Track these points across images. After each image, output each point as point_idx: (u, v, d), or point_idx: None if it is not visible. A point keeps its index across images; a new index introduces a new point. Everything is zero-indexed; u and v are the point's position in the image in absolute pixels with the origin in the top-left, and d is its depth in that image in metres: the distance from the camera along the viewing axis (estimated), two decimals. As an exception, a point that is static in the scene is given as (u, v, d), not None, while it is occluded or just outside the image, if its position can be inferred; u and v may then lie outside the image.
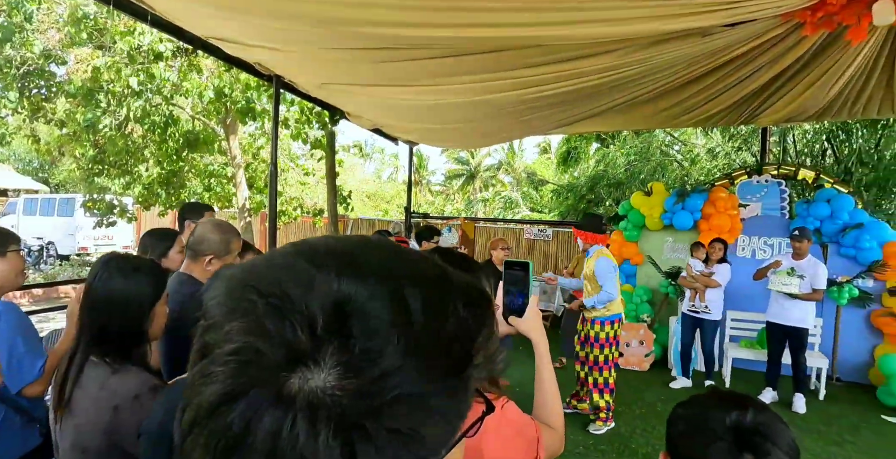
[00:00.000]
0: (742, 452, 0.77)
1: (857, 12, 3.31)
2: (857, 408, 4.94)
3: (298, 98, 6.50)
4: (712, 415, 0.81)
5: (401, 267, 0.38)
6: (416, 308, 0.34)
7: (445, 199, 28.72)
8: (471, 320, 0.37)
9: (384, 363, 0.32)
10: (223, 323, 0.34)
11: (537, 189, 21.28)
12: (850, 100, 5.22)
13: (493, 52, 3.51)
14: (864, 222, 5.51)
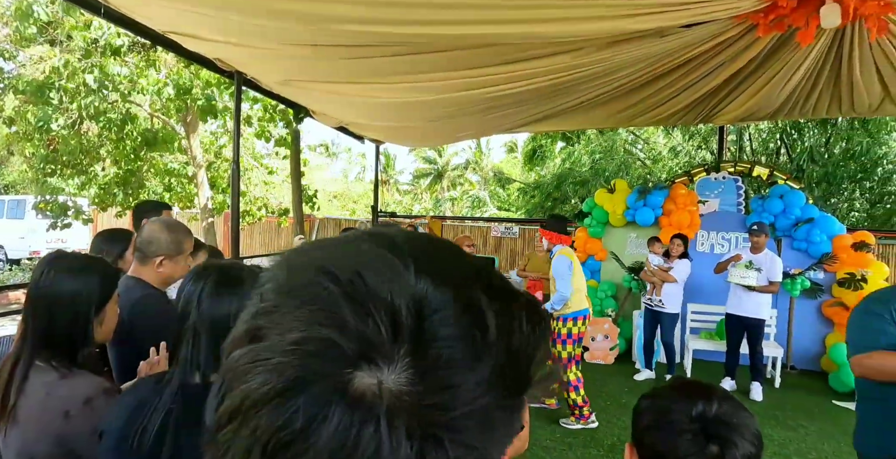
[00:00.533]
0: (708, 443, 0.77)
1: (806, 15, 3.44)
2: (811, 395, 5.16)
3: (262, 95, 6.40)
4: (677, 407, 0.81)
5: (476, 273, 0.35)
6: (490, 320, 0.32)
7: (413, 198, 28.69)
8: (533, 335, 0.35)
9: (455, 374, 0.29)
10: (284, 308, 0.31)
11: (504, 188, 21.47)
12: (801, 100, 5.43)
13: (454, 50, 3.53)
14: (814, 216, 5.75)
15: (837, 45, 4.21)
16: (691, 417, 0.78)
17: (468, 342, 0.30)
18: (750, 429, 0.79)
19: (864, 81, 4.76)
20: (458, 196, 27.06)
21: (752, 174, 6.26)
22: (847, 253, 5.58)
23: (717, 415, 0.78)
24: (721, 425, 0.77)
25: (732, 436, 0.76)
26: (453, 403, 0.29)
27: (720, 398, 0.81)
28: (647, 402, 0.86)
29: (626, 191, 6.49)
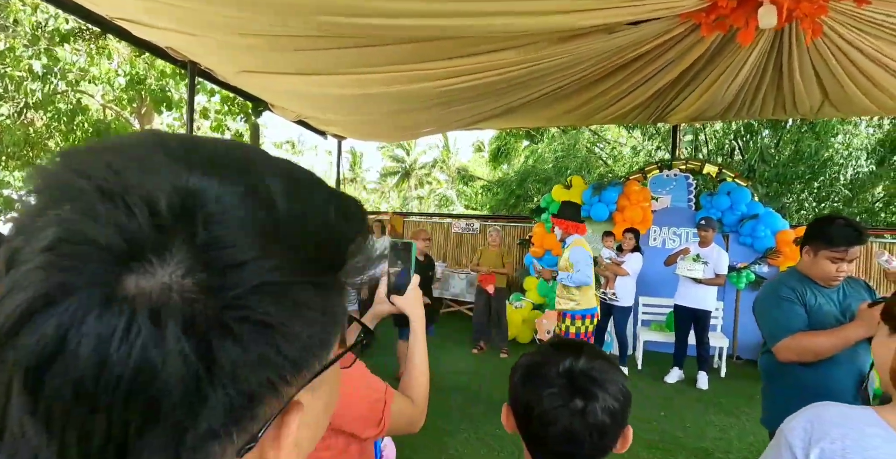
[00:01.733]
0: (573, 396, 0.77)
1: (745, 15, 3.58)
2: (754, 383, 5.35)
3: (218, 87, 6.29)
4: (547, 362, 0.82)
5: (267, 163, 0.33)
6: (278, 197, 0.30)
7: (381, 196, 28.57)
8: (344, 221, 0.34)
9: (239, 252, 0.27)
10: (35, 218, 0.27)
11: (468, 185, 21.61)
12: (748, 100, 5.64)
13: (405, 43, 3.56)
14: (759, 212, 5.99)
15: (778, 47, 4.39)
16: (558, 372, 0.79)
17: (247, 218, 0.28)
18: (616, 385, 0.80)
19: (804, 84, 4.97)
20: (425, 195, 27.07)
21: (703, 172, 6.48)
22: (790, 247, 5.82)
23: (583, 370, 0.79)
24: (586, 379, 0.78)
25: (596, 391, 0.77)
26: (238, 281, 0.27)
27: (589, 356, 0.82)
28: (523, 359, 0.87)
29: (583, 187, 6.64)
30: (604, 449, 0.80)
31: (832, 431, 0.88)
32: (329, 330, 0.33)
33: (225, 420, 0.27)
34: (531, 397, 0.80)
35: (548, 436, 0.79)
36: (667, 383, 5.25)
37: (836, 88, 4.96)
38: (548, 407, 0.77)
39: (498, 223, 8.38)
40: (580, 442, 0.77)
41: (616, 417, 0.78)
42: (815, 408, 0.96)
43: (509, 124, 6.79)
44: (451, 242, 8.69)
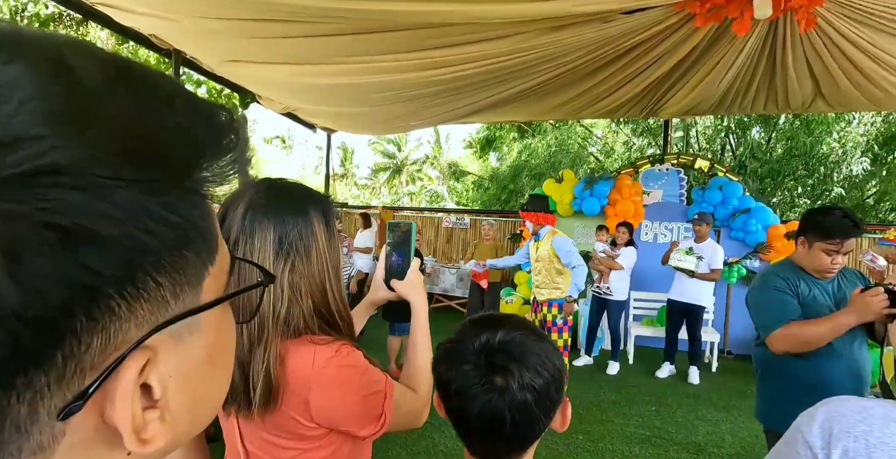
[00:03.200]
0: (488, 373, 0.72)
1: (741, 6, 3.54)
2: (745, 378, 5.36)
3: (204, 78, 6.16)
4: (464, 339, 0.76)
5: (88, 53, 0.26)
6: (88, 77, 0.24)
7: (372, 192, 28.48)
8: (195, 119, 0.28)
9: (14, 125, 0.21)
10: None
11: (458, 180, 21.57)
12: (740, 95, 5.62)
13: (394, 31, 3.48)
14: (751, 207, 5.97)
15: (771, 40, 4.35)
16: (474, 348, 0.74)
17: (42, 98, 0.22)
18: (539, 359, 0.73)
19: (797, 77, 4.95)
20: (416, 191, 26.99)
21: (694, 166, 6.45)
22: (780, 242, 5.81)
23: (501, 345, 0.73)
24: (503, 355, 0.73)
25: (513, 366, 0.71)
26: (12, 162, 0.21)
27: (510, 329, 0.76)
28: (447, 338, 0.80)
29: (574, 181, 6.59)
30: (532, 427, 0.74)
31: (854, 428, 0.81)
32: (175, 249, 0.27)
33: (17, 363, 0.21)
34: (449, 375, 0.74)
35: (468, 416, 0.72)
36: (658, 378, 5.23)
37: (828, 81, 4.94)
38: (464, 385, 0.72)
39: (489, 218, 8.32)
40: (501, 421, 0.71)
41: (541, 393, 0.71)
42: (833, 403, 0.88)
43: (500, 118, 6.73)
44: (441, 237, 8.62)
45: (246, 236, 0.85)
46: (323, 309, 0.91)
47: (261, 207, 0.87)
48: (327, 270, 0.92)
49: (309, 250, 0.89)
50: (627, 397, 4.69)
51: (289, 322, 0.87)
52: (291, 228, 0.87)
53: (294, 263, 0.87)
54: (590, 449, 3.60)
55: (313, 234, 0.90)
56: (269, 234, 0.86)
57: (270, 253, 0.85)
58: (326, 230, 0.92)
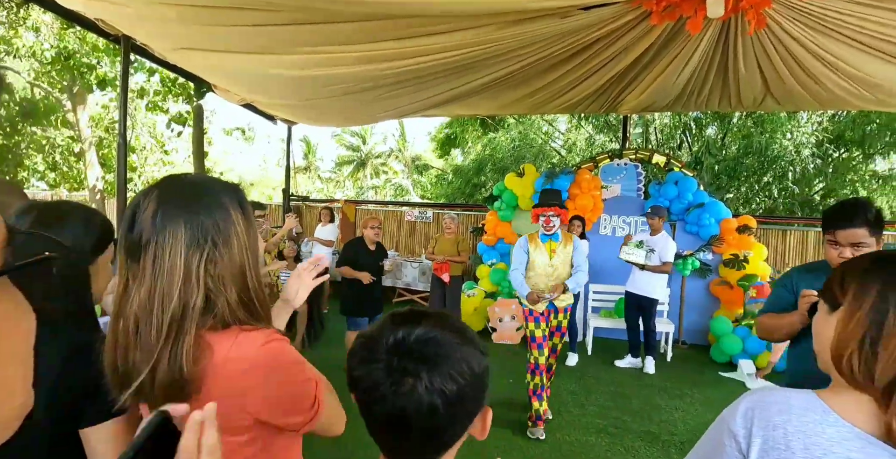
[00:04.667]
0: (396, 374, 0.66)
1: (695, 5, 3.61)
2: (698, 366, 5.55)
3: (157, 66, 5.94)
4: (379, 335, 0.71)
5: None
6: None
7: (336, 185, 28.17)
8: None
9: None
10: None
11: (422, 174, 21.55)
12: (695, 92, 5.76)
13: (353, 22, 3.42)
14: (704, 201, 6.15)
15: (724, 39, 4.47)
16: (386, 345, 0.69)
17: None
18: (456, 363, 0.68)
19: (748, 76, 5.10)
20: (381, 184, 26.81)
21: (652, 162, 6.60)
22: (732, 235, 6.01)
23: (415, 345, 0.68)
24: (414, 355, 0.67)
25: (422, 369, 0.66)
26: None
27: (429, 328, 0.70)
28: (363, 331, 0.76)
29: (535, 175, 6.65)
30: (441, 434, 0.70)
31: (774, 418, 0.85)
32: None
33: None
34: (359, 372, 0.69)
35: (375, 416, 0.69)
36: (616, 368, 5.35)
37: (777, 81, 5.11)
38: (372, 385, 0.67)
39: (452, 212, 8.33)
40: (407, 425, 0.67)
41: (452, 401, 0.66)
42: (756, 394, 0.92)
43: (463, 111, 6.72)
44: (403, 230, 8.59)
45: (157, 234, 0.84)
46: (244, 297, 0.90)
47: (171, 203, 0.86)
48: (247, 257, 0.92)
49: (228, 239, 0.89)
50: (585, 388, 4.79)
51: (214, 314, 0.86)
52: (206, 219, 0.87)
53: (211, 254, 0.87)
54: (547, 440, 3.67)
55: (231, 223, 0.90)
56: (180, 228, 0.85)
57: (182, 247, 0.84)
58: (244, 218, 0.92)
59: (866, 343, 0.82)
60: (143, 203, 0.86)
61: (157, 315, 0.82)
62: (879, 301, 0.83)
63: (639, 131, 12.63)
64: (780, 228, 7.00)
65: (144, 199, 0.87)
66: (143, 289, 0.83)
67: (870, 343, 0.82)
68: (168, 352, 0.82)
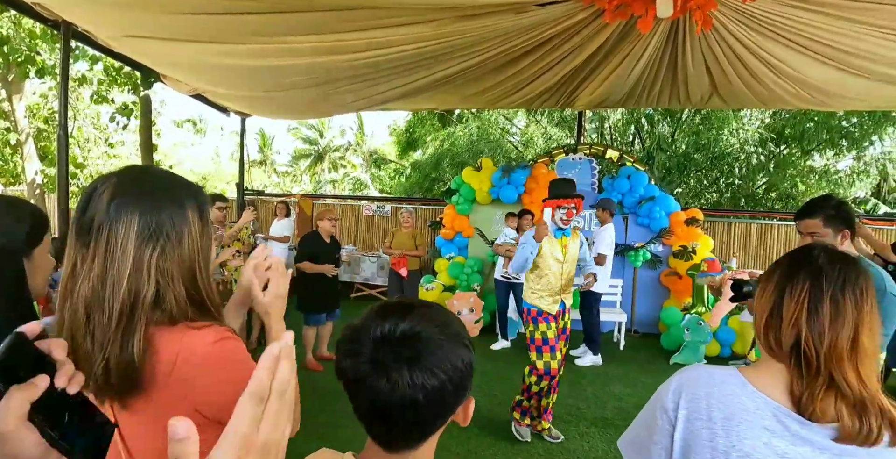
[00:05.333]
0: (378, 367, 0.67)
1: (645, 4, 3.72)
2: (650, 355, 5.75)
3: (100, 53, 5.68)
4: (365, 326, 0.71)
5: None
6: None
7: (293, 180, 27.62)
8: None
9: None
10: None
11: (380, 168, 21.43)
12: (646, 89, 5.93)
13: (311, 12, 3.37)
14: (655, 195, 6.36)
15: (673, 39, 4.62)
16: (373, 337, 0.69)
17: None
18: (439, 358, 0.69)
19: (696, 74, 5.29)
20: (339, 178, 26.45)
21: (605, 156, 6.77)
22: (681, 228, 6.25)
23: (399, 338, 0.69)
24: (397, 349, 0.68)
25: (403, 364, 0.67)
26: None
27: (416, 322, 0.70)
28: (351, 322, 0.76)
29: (493, 169, 6.72)
30: (423, 425, 0.72)
31: (699, 391, 0.93)
32: None
33: None
34: (345, 364, 0.71)
35: (361, 405, 0.71)
36: (571, 357, 5.46)
37: (722, 80, 5.32)
38: (357, 376, 0.69)
39: (410, 206, 8.32)
40: (390, 417, 0.69)
41: (433, 395, 0.68)
42: (687, 371, 1.00)
43: (421, 105, 6.73)
44: (361, 225, 8.53)
45: (110, 221, 0.84)
46: (194, 294, 0.91)
47: (130, 193, 0.86)
48: (198, 255, 0.92)
49: (181, 235, 0.89)
50: (542, 377, 4.89)
51: (162, 308, 0.86)
52: (162, 213, 0.87)
53: (164, 248, 0.87)
54: (505, 428, 3.73)
55: (186, 220, 0.90)
56: (135, 219, 0.85)
57: (133, 238, 0.84)
58: (200, 218, 0.93)
59: (774, 314, 0.92)
60: (100, 188, 0.86)
61: (108, 302, 0.82)
62: (783, 278, 0.94)
63: (594, 127, 12.91)
64: (725, 220, 7.32)
65: (102, 184, 0.86)
66: (92, 274, 0.82)
67: (777, 314, 0.92)
68: (119, 342, 0.81)
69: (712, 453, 0.88)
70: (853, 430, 0.81)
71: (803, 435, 0.85)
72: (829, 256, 0.93)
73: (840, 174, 12.47)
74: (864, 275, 0.91)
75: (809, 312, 0.88)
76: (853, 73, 4.63)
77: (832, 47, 4.15)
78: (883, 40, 3.92)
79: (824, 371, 0.85)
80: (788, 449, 0.84)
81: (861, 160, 12.43)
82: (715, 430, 0.89)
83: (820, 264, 0.91)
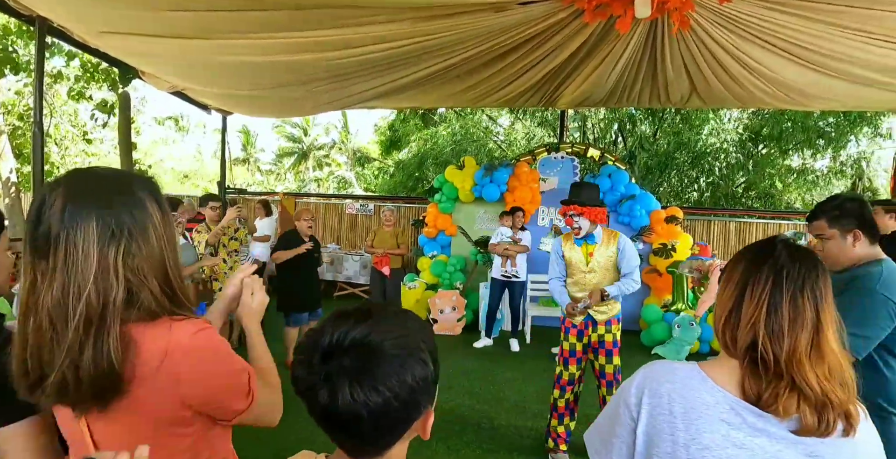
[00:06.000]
0: (322, 378, 0.64)
1: (624, 5, 3.76)
2: (631, 351, 5.79)
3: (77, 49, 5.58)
4: (321, 332, 0.67)
5: None
6: None
7: (276, 178, 27.38)
8: None
9: None
10: None
11: (364, 166, 21.37)
12: (627, 88, 5.99)
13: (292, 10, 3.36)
14: (636, 193, 6.43)
15: (652, 39, 4.67)
16: (322, 346, 0.65)
17: None
18: (385, 374, 0.64)
19: (675, 75, 5.36)
20: (323, 177, 26.31)
21: (587, 155, 6.83)
22: (661, 226, 6.32)
23: (347, 349, 0.64)
24: (343, 361, 0.64)
25: (345, 379, 0.63)
26: None
27: (369, 331, 0.66)
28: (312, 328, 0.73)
29: (475, 168, 6.75)
30: (378, 438, 0.68)
31: (661, 387, 0.95)
32: None
33: None
34: (296, 373, 0.67)
35: (314, 413, 0.67)
36: (551, 353, 5.52)
37: (701, 80, 5.39)
38: (304, 387, 0.66)
39: (394, 204, 8.31)
40: (338, 429, 0.66)
41: (377, 412, 0.63)
42: (649, 366, 1.02)
43: (405, 104, 6.71)
44: (345, 223, 8.50)
45: (67, 229, 0.82)
46: (167, 288, 0.90)
47: (81, 197, 0.84)
48: (165, 248, 0.92)
49: (145, 230, 0.88)
50: (524, 374, 4.92)
51: (139, 306, 0.85)
52: (121, 211, 0.86)
53: (128, 246, 0.86)
54: (485, 426, 3.76)
55: (148, 215, 0.89)
56: (92, 222, 0.83)
57: (95, 241, 0.83)
58: (160, 210, 0.92)
59: (733, 314, 0.94)
60: (49, 198, 0.84)
61: (73, 310, 0.80)
62: (745, 274, 0.95)
63: (576, 126, 13.00)
64: (704, 218, 7.43)
65: (51, 193, 0.84)
66: (55, 285, 0.81)
67: (736, 315, 0.93)
68: (91, 347, 0.80)
69: (673, 446, 0.91)
70: (813, 425, 0.85)
71: (760, 427, 0.88)
72: (790, 252, 0.95)
73: (817, 173, 12.72)
74: (823, 275, 0.93)
75: (769, 314, 0.90)
76: (828, 74, 4.73)
77: (807, 49, 4.23)
78: (856, 42, 4.01)
79: (786, 375, 0.87)
80: (746, 440, 0.87)
81: (837, 160, 12.68)
82: (676, 424, 0.91)
83: (782, 263, 0.93)
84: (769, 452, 0.87)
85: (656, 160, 11.90)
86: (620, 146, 13.07)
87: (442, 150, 13.13)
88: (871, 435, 0.90)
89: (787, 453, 0.86)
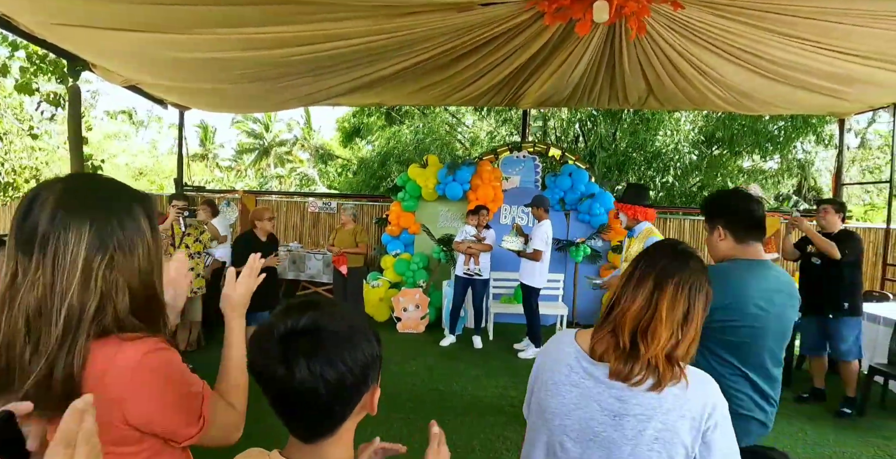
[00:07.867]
0: (280, 360, 0.71)
1: (583, 8, 3.85)
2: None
3: (23, 40, 5.32)
4: (275, 323, 0.75)
5: None
6: None
7: (237, 175, 26.74)
8: None
9: None
10: None
11: (327, 164, 21.14)
12: (587, 89, 6.13)
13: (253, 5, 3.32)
14: (595, 192, 6.59)
15: (611, 42, 4.80)
16: (277, 333, 0.73)
17: None
18: (339, 350, 0.73)
19: (632, 77, 5.52)
20: (285, 174, 25.87)
21: (549, 154, 6.95)
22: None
23: (300, 332, 0.73)
24: (300, 342, 0.72)
25: (302, 356, 0.70)
26: None
27: (318, 317, 0.74)
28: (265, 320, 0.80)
29: (438, 166, 6.77)
30: (326, 414, 0.76)
31: (547, 354, 1.28)
32: None
33: None
34: (252, 357, 0.76)
35: (268, 396, 0.75)
36: (513, 350, 5.60)
37: (657, 82, 5.57)
38: (262, 370, 0.74)
39: (357, 203, 8.26)
40: (295, 407, 0.74)
41: (333, 385, 0.72)
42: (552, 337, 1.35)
43: (368, 101, 6.68)
44: (307, 222, 8.40)
45: (59, 230, 0.81)
46: (138, 305, 0.89)
47: (79, 201, 0.84)
48: (152, 264, 0.92)
49: (133, 244, 0.88)
50: (487, 371, 4.98)
51: (98, 320, 0.83)
52: (114, 222, 0.86)
53: (113, 258, 0.85)
54: (448, 423, 3.80)
55: (137, 229, 0.89)
56: (85, 228, 0.83)
57: (84, 248, 0.82)
58: (151, 228, 0.92)
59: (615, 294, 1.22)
60: (42, 194, 0.83)
61: (56, 314, 0.80)
62: (633, 269, 1.21)
63: (539, 126, 13.19)
64: (660, 217, 7.66)
65: (45, 191, 0.83)
66: (39, 284, 0.80)
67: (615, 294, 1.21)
68: (66, 353, 0.79)
69: (542, 386, 1.24)
70: (617, 371, 1.11)
71: (590, 371, 1.16)
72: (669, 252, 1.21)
73: (766, 174, 13.29)
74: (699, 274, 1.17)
75: (623, 288, 1.18)
76: (775, 79, 4.97)
77: (755, 55, 4.43)
78: (801, 50, 4.23)
79: (618, 336, 1.13)
80: (579, 381, 1.17)
81: (785, 162, 13.29)
82: (545, 370, 1.25)
83: (663, 265, 1.17)
84: (593, 391, 1.14)
85: (615, 159, 12.18)
86: (581, 146, 13.32)
87: (405, 148, 13.11)
88: (684, 400, 1.09)
89: (604, 395, 1.13)
